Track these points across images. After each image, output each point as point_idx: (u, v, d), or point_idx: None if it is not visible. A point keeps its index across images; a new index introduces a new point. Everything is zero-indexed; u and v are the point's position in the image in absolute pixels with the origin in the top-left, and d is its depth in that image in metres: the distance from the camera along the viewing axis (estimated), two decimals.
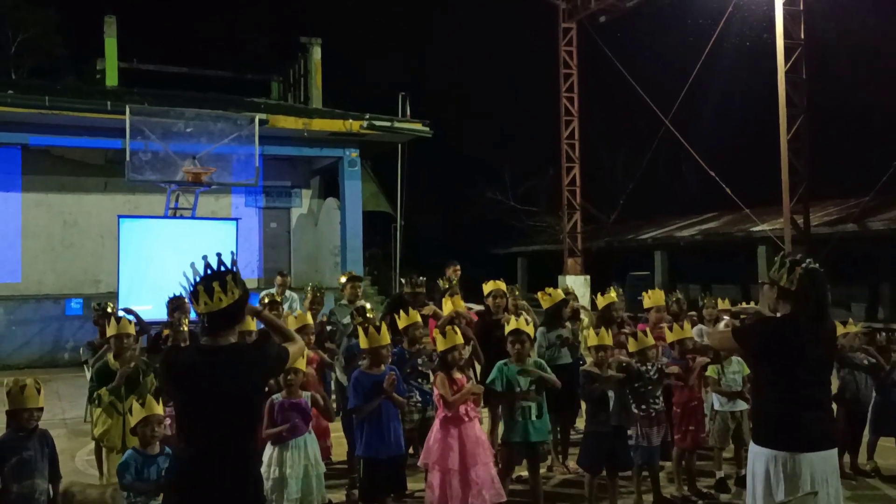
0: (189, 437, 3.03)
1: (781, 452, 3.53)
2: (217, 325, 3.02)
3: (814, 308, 3.64)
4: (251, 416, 3.12)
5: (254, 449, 3.20)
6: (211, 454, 2.97)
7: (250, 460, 3.13)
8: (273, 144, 14.55)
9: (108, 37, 17.30)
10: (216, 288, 2.97)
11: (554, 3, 18.20)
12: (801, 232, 13.57)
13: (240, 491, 2.99)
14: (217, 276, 3.02)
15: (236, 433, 3.02)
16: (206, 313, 3.00)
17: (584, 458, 5.38)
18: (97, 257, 14.92)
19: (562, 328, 6.58)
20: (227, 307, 3.00)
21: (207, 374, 2.98)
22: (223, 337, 3.04)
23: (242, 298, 3.05)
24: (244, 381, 3.02)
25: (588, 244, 19.19)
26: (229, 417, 2.99)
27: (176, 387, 3.11)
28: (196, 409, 3.01)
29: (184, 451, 3.05)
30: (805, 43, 13.57)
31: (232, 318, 3.05)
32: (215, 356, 3.00)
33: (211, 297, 2.97)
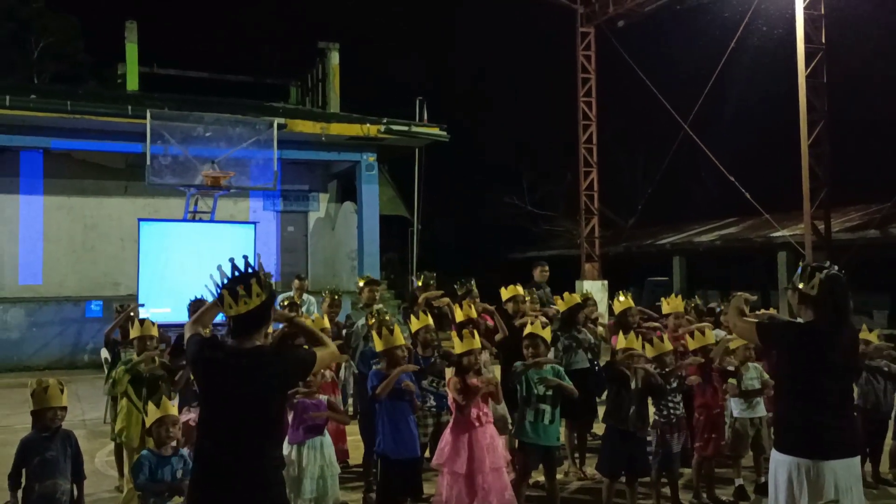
0: (210, 436, 3.06)
1: (804, 460, 3.50)
2: (243, 328, 3.04)
3: (834, 314, 3.61)
4: (271, 419, 3.12)
5: (274, 452, 3.19)
6: (230, 455, 2.99)
7: (271, 462, 3.11)
8: (291, 149, 14.65)
9: (128, 42, 17.52)
10: (241, 291, 3.00)
11: (572, 7, 18.17)
12: (821, 238, 13.43)
13: (259, 492, 2.99)
14: (242, 279, 3.04)
15: (256, 435, 3.03)
16: (232, 316, 3.02)
17: (603, 464, 5.34)
18: (117, 260, 15.08)
19: (577, 332, 6.56)
20: (253, 310, 3.02)
21: (231, 375, 3.01)
22: (249, 339, 3.06)
23: (268, 301, 3.08)
24: (266, 385, 3.04)
25: (606, 249, 19.09)
26: (250, 419, 3.01)
27: (201, 382, 3.16)
28: (218, 408, 3.04)
29: (205, 450, 3.07)
30: (826, 47, 13.44)
31: (258, 320, 3.07)
32: (240, 358, 3.02)
33: (236, 301, 2.99)
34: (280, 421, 3.24)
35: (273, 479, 3.09)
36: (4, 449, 5.91)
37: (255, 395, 3.01)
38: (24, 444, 4.28)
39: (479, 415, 4.93)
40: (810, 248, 13.24)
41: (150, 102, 14.18)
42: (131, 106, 13.52)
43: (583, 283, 17.50)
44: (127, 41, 17.53)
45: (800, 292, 3.65)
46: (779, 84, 15.75)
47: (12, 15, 24.12)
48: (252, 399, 3.00)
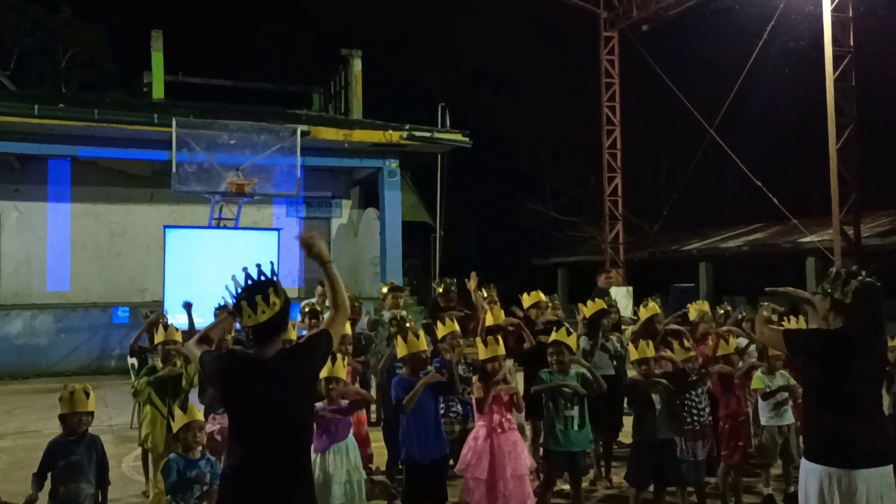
0: (240, 444, 3.06)
1: (835, 469, 3.44)
2: (262, 337, 3.05)
3: (868, 322, 3.56)
4: (301, 421, 3.14)
5: (306, 455, 3.19)
6: (261, 461, 3.00)
7: (303, 466, 3.13)
8: (314, 155, 14.71)
9: (154, 51, 17.74)
10: (259, 301, 2.99)
11: (595, 12, 18.09)
12: (851, 243, 13.19)
13: (293, 496, 3.03)
14: (259, 287, 3.03)
15: (288, 439, 3.05)
16: (250, 326, 3.01)
17: (631, 473, 5.26)
18: (143, 266, 15.25)
19: (604, 339, 6.50)
20: (271, 319, 3.02)
21: (257, 384, 3.01)
22: (270, 346, 3.06)
23: (284, 308, 3.07)
24: (295, 387, 3.06)
25: (630, 255, 18.93)
26: (281, 425, 3.02)
27: (225, 395, 3.16)
28: (247, 418, 3.04)
29: (235, 458, 3.08)
30: (854, 50, 13.23)
31: (276, 328, 3.07)
32: (263, 366, 3.03)
33: (255, 311, 2.98)
34: (310, 421, 3.25)
35: (306, 483, 3.14)
36: (34, 453, 5.98)
37: (286, 399, 3.02)
38: (51, 446, 4.34)
39: (502, 421, 4.91)
40: (839, 253, 13.01)
41: (175, 110, 14.34)
42: (157, 114, 13.68)
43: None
44: (153, 50, 17.75)
45: (832, 299, 3.59)
46: (806, 87, 15.52)
47: (41, 25, 24.60)
48: (284, 403, 3.02)
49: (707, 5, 16.67)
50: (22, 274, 15.07)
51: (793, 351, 3.77)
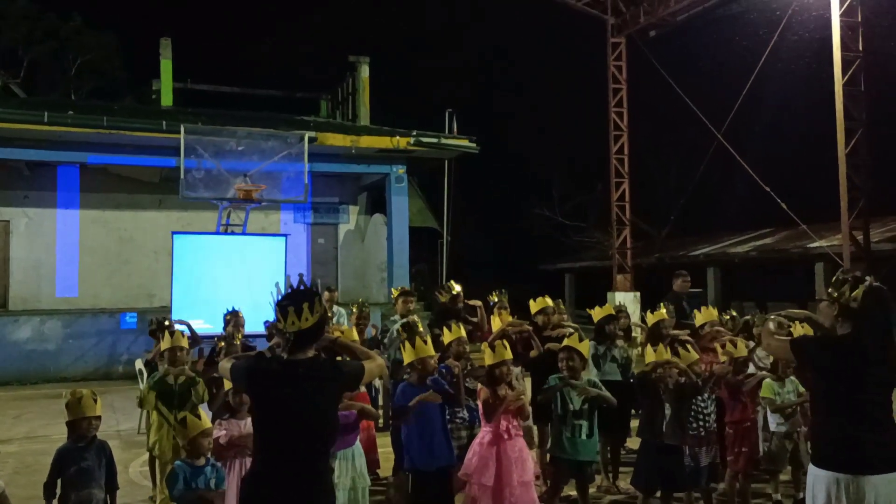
0: (267, 445, 3.18)
1: (843, 475, 3.42)
2: (300, 343, 3.19)
3: (877, 327, 3.54)
4: (326, 427, 3.25)
5: (328, 458, 3.34)
6: (287, 463, 3.11)
7: (324, 470, 3.28)
8: (322, 161, 14.76)
9: (163, 58, 17.86)
10: (305, 308, 3.16)
11: (602, 18, 18.10)
12: (860, 248, 13.11)
13: (316, 497, 3.15)
14: (305, 296, 3.21)
15: (312, 442, 3.17)
16: (293, 332, 3.16)
17: (638, 478, 5.23)
18: (151, 272, 15.32)
19: (611, 345, 6.47)
20: (312, 326, 3.19)
21: (289, 384, 3.15)
22: (303, 352, 3.21)
23: (322, 319, 3.26)
24: (321, 392, 3.20)
25: (638, 260, 18.87)
26: (306, 427, 3.15)
27: (255, 393, 3.28)
28: (276, 416, 3.16)
29: (261, 460, 3.20)
30: (864, 55, 13.18)
31: (313, 336, 3.24)
32: (297, 368, 3.18)
33: (299, 318, 3.15)
34: (333, 429, 3.38)
35: (328, 485, 3.29)
36: (42, 458, 6.00)
37: (313, 401, 3.16)
38: (61, 453, 4.34)
39: (509, 427, 4.88)
40: (849, 259, 12.94)
41: (183, 117, 14.42)
42: (166, 121, 13.75)
43: (615, 294, 17.31)
44: (162, 57, 17.87)
45: (841, 305, 3.57)
46: (815, 92, 15.48)
47: (53, 34, 24.81)
48: (310, 405, 3.15)
49: (714, 11, 16.65)
50: (31, 280, 15.15)
51: (800, 359, 3.74)
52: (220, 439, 4.42)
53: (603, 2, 17.87)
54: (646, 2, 17.21)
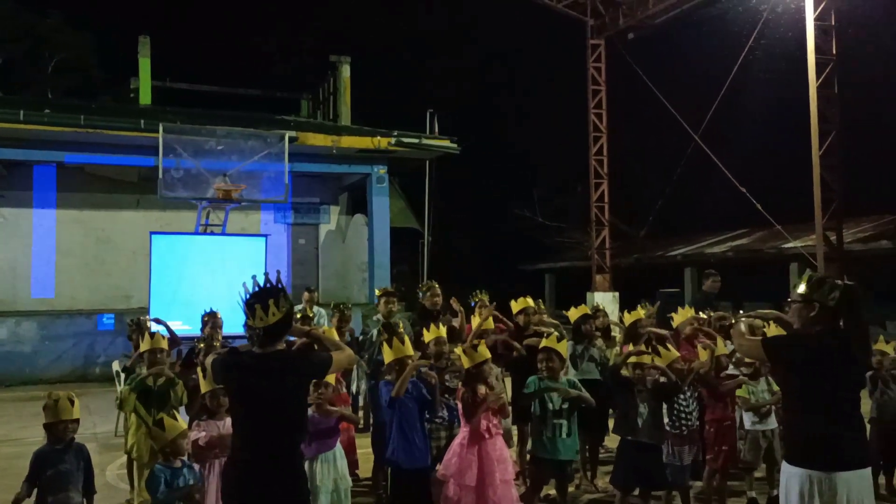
0: (244, 436, 3.36)
1: (816, 472, 3.48)
2: (269, 338, 3.38)
3: (849, 326, 3.63)
4: (299, 413, 3.47)
5: (299, 444, 3.50)
6: (261, 449, 3.29)
7: (298, 459, 3.46)
8: (302, 161, 14.72)
9: (141, 57, 17.70)
10: (271, 304, 3.32)
11: (582, 20, 18.23)
12: (833, 249, 13.33)
13: (291, 489, 3.32)
14: (270, 293, 3.37)
15: (287, 428, 3.36)
16: (260, 327, 3.33)
17: (617, 476, 5.29)
18: (129, 273, 15.17)
19: (589, 344, 6.54)
20: (279, 321, 3.36)
21: (262, 375, 3.32)
22: (272, 346, 3.40)
23: (289, 313, 3.44)
24: (291, 381, 3.38)
25: (617, 260, 19.02)
26: (277, 415, 3.32)
27: (230, 386, 3.47)
28: (252, 406, 3.34)
29: (239, 451, 3.37)
30: (837, 58, 13.40)
31: (282, 330, 3.43)
32: (268, 360, 3.36)
33: (266, 313, 3.32)
34: (305, 415, 3.61)
35: (302, 471, 3.50)
36: (18, 461, 5.94)
37: (284, 391, 3.34)
38: (38, 456, 4.30)
39: (489, 426, 4.92)
40: (822, 259, 13.15)
41: (162, 116, 14.30)
42: (144, 120, 13.63)
43: (594, 294, 17.44)
44: (140, 56, 17.71)
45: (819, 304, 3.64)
46: (790, 95, 15.71)
47: (29, 31, 24.47)
48: (281, 393, 3.33)
49: (692, 14, 16.85)
50: (6, 281, 14.95)
51: (772, 358, 3.80)
52: (200, 441, 4.41)
53: (583, 4, 18.00)
54: (625, 4, 17.37)
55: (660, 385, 5.20)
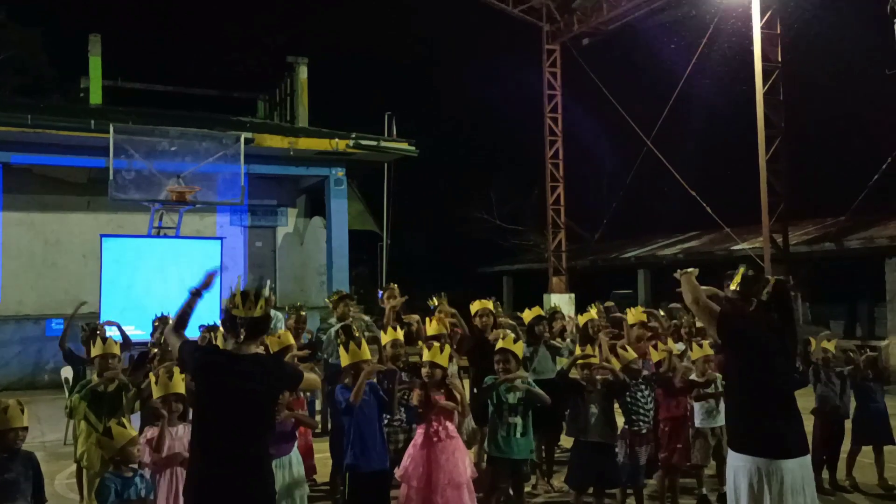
0: (207, 437, 3.37)
1: (763, 459, 3.64)
2: (251, 333, 3.44)
3: (781, 317, 3.88)
4: (267, 416, 3.48)
5: (267, 451, 3.53)
6: (233, 447, 3.32)
7: (264, 461, 3.47)
8: (259, 163, 14.59)
9: (92, 55, 17.30)
10: (262, 295, 3.45)
11: (538, 25, 18.45)
12: (780, 250, 13.76)
13: (260, 482, 3.36)
14: (259, 288, 3.50)
15: (255, 430, 3.38)
16: (243, 318, 3.40)
17: (571, 476, 5.39)
18: (79, 277, 14.79)
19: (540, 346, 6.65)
20: (259, 317, 3.44)
21: (233, 376, 3.36)
22: (247, 346, 3.44)
23: (268, 314, 3.53)
24: (264, 386, 3.41)
25: (573, 263, 19.29)
26: (249, 415, 3.35)
27: (201, 382, 3.46)
28: (219, 406, 3.36)
29: (202, 452, 3.38)
30: (782, 65, 13.84)
31: (259, 329, 3.49)
32: (240, 362, 3.40)
33: (256, 303, 3.42)
34: (272, 421, 3.61)
35: (269, 472, 3.50)
36: None
37: (254, 393, 3.36)
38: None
39: (439, 430, 4.95)
40: (769, 260, 13.56)
41: (113, 116, 14.02)
42: (94, 120, 13.34)
43: (550, 296, 17.66)
44: (90, 54, 17.30)
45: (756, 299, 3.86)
46: (738, 101, 16.15)
47: None
48: (252, 397, 3.36)
49: (644, 21, 17.21)
50: None
51: (722, 335, 3.91)
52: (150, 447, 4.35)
53: (538, 9, 18.23)
54: (579, 11, 17.64)
55: (609, 384, 5.32)
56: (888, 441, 6.55)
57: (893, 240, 12.85)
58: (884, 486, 6.43)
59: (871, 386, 6.57)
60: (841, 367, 6.54)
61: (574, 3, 17.76)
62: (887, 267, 13.16)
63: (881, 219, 14.21)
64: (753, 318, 3.90)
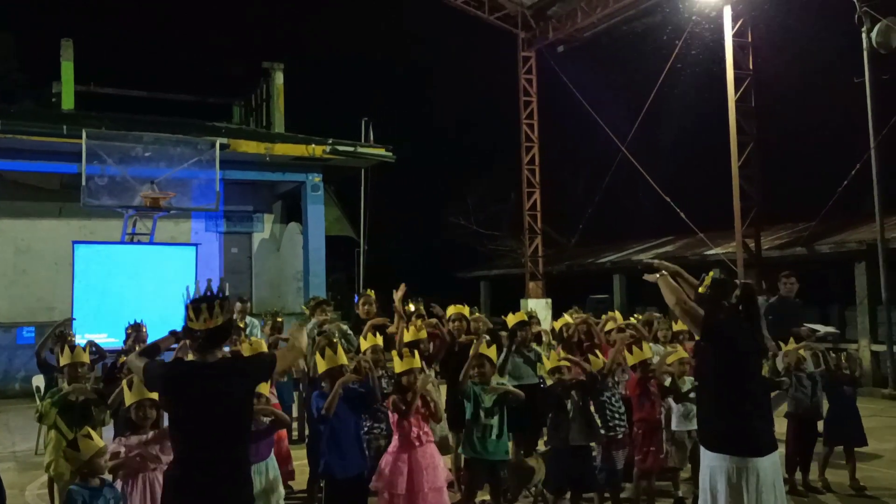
0: (185, 446, 3.37)
1: (738, 458, 3.74)
2: (212, 342, 3.40)
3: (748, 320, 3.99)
4: (242, 420, 3.47)
5: (246, 453, 3.54)
6: (208, 459, 3.31)
7: (243, 465, 3.47)
8: (234, 169, 14.50)
9: (64, 60, 17.08)
10: (216, 306, 3.39)
11: (513, 32, 18.58)
12: (752, 255, 13.97)
13: (238, 489, 3.36)
14: (213, 297, 3.42)
15: (230, 436, 3.38)
16: (202, 329, 3.36)
17: (548, 481, 5.42)
18: (51, 284, 14.57)
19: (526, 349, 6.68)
20: (218, 326, 3.40)
21: (202, 385, 3.35)
22: (212, 354, 3.42)
23: (229, 321, 3.49)
24: (235, 387, 3.41)
25: (549, 268, 19.40)
26: (223, 422, 3.35)
27: (171, 396, 3.44)
28: (193, 418, 3.35)
29: (180, 460, 3.38)
30: (754, 73, 14.08)
31: (223, 335, 3.46)
32: (207, 369, 3.39)
33: (211, 314, 3.37)
34: (249, 422, 3.58)
35: (248, 478, 3.50)
36: None
37: (226, 399, 3.36)
38: None
39: (420, 434, 4.96)
40: (742, 265, 13.75)
41: (86, 121, 13.85)
42: (66, 125, 13.18)
43: (527, 301, 17.74)
44: (63, 59, 17.08)
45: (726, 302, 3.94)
46: (711, 108, 16.39)
47: None
48: (224, 403, 3.35)
49: (619, 28, 17.40)
50: None
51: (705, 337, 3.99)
52: (122, 454, 4.29)
53: (514, 16, 18.35)
54: (554, 18, 17.80)
55: (581, 383, 5.37)
56: (860, 442, 6.67)
57: (863, 244, 13.07)
58: (855, 487, 6.53)
59: (844, 388, 6.68)
60: (812, 369, 6.65)
61: (549, 11, 17.91)
62: (857, 271, 13.40)
63: (851, 223, 14.46)
64: (727, 320, 3.99)
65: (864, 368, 12.48)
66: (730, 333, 3.93)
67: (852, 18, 12.67)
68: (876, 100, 12.54)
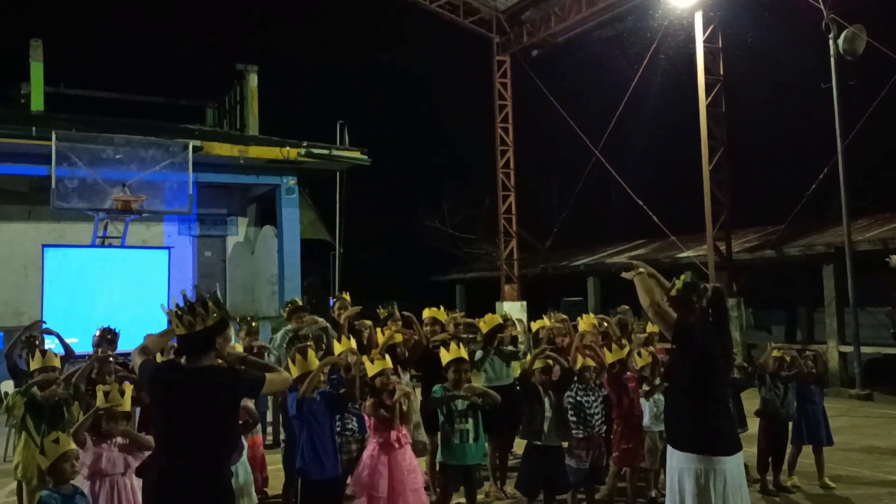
0: (169, 450, 3.37)
1: (706, 457, 3.81)
2: (195, 348, 3.40)
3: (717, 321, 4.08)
4: (226, 431, 3.47)
5: (228, 462, 3.56)
6: (191, 465, 3.30)
7: (226, 472, 3.49)
8: (208, 171, 14.37)
9: (33, 61, 16.79)
10: (210, 305, 3.41)
11: (488, 36, 18.67)
12: (723, 258, 14.19)
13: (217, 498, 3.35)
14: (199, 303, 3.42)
15: (213, 445, 3.37)
16: (185, 336, 3.37)
17: (521, 482, 5.45)
18: (19, 288, 14.31)
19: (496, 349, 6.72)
20: (205, 330, 3.38)
21: (188, 391, 3.35)
22: (200, 360, 3.40)
23: (218, 325, 3.44)
24: (221, 398, 3.41)
25: (524, 271, 19.50)
26: (206, 430, 3.34)
27: (156, 397, 3.44)
28: (177, 423, 3.35)
29: (162, 463, 3.37)
30: (724, 78, 14.31)
31: (208, 342, 3.43)
32: (195, 376, 3.38)
33: (206, 312, 3.38)
34: (233, 433, 3.60)
35: (228, 487, 3.48)
36: None
37: (210, 408, 3.35)
38: None
39: (399, 436, 4.97)
40: (713, 267, 13.96)
41: (56, 123, 13.64)
42: (36, 127, 12.96)
43: (503, 304, 17.81)
44: (32, 60, 16.79)
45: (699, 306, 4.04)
46: (682, 112, 16.63)
47: None
48: (208, 412, 3.34)
49: (592, 34, 17.60)
50: None
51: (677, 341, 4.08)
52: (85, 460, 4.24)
53: (489, 21, 18.46)
54: (528, 23, 17.94)
55: (558, 379, 5.42)
56: (827, 442, 6.81)
57: (830, 247, 13.34)
58: (823, 486, 6.67)
59: (812, 389, 6.81)
60: (785, 371, 6.76)
61: (523, 16, 18.05)
62: (825, 273, 13.66)
63: (819, 227, 14.75)
64: (697, 323, 4.08)
65: (832, 369, 12.74)
66: (699, 336, 4.01)
67: (820, 26, 12.95)
68: (843, 105, 12.82)
